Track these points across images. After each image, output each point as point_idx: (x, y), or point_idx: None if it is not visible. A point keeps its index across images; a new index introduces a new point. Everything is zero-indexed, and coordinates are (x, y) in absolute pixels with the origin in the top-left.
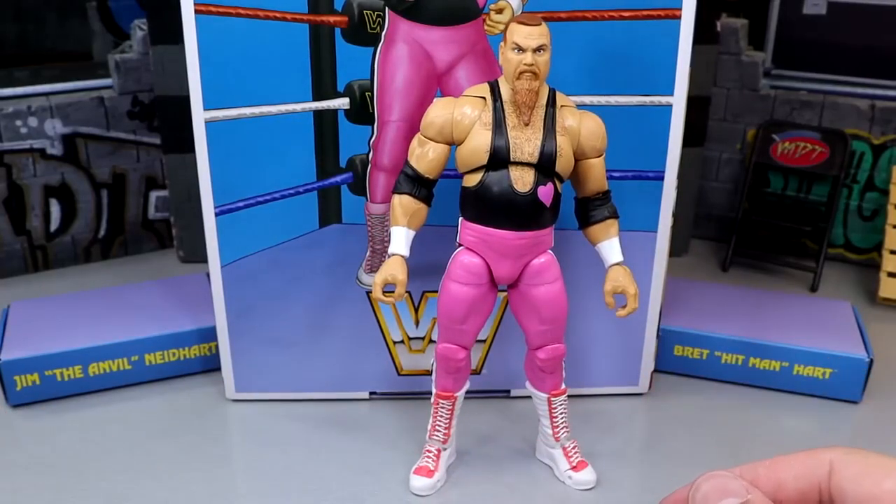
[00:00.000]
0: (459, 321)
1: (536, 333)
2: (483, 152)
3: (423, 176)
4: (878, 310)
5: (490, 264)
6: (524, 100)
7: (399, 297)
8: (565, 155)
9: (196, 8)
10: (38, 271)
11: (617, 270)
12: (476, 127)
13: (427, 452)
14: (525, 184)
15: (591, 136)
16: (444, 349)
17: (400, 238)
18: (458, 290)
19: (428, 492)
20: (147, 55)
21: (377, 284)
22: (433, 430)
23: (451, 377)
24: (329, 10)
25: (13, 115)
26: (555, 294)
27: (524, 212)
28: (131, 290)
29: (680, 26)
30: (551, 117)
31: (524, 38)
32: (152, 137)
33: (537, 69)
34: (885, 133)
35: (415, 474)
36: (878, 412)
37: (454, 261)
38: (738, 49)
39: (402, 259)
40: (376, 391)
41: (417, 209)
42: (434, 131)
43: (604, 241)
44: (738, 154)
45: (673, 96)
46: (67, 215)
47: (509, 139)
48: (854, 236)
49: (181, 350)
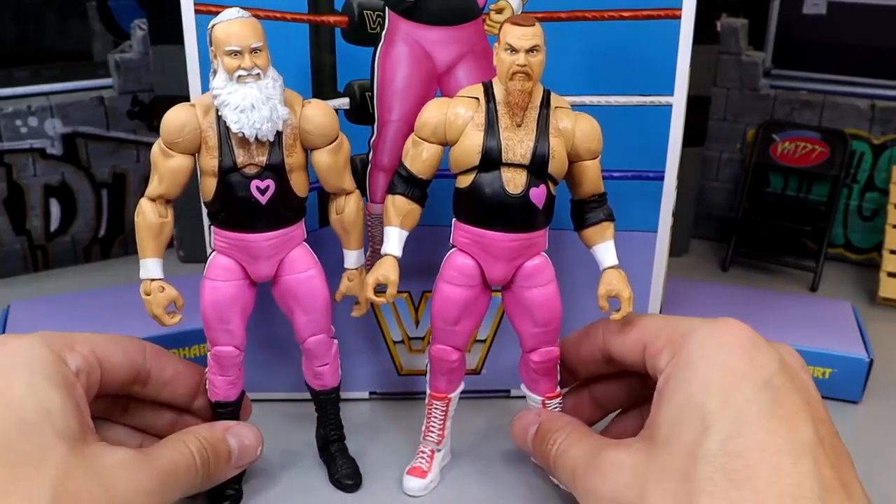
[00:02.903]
0: (452, 322)
1: (530, 336)
2: (475, 153)
3: (416, 176)
4: (879, 310)
5: (482, 266)
6: (517, 101)
7: (391, 298)
8: (558, 157)
9: (196, 8)
10: (38, 271)
11: (611, 274)
12: (469, 128)
13: (421, 453)
14: (517, 185)
15: (586, 138)
16: (437, 350)
17: (393, 238)
18: (451, 291)
19: (421, 492)
20: (147, 55)
21: (369, 284)
22: (427, 430)
23: (444, 378)
24: (329, 10)
25: (13, 114)
26: (548, 297)
27: (516, 213)
28: (131, 290)
29: (680, 26)
30: (545, 118)
31: (517, 38)
32: (152, 137)
33: (530, 70)
34: (886, 133)
35: (408, 475)
36: (878, 412)
37: (447, 262)
38: (738, 49)
39: (394, 259)
40: (376, 391)
41: (411, 209)
42: (428, 132)
43: (599, 244)
44: (738, 154)
45: (673, 96)
46: (67, 215)
47: (501, 140)
48: (854, 236)
49: (181, 350)
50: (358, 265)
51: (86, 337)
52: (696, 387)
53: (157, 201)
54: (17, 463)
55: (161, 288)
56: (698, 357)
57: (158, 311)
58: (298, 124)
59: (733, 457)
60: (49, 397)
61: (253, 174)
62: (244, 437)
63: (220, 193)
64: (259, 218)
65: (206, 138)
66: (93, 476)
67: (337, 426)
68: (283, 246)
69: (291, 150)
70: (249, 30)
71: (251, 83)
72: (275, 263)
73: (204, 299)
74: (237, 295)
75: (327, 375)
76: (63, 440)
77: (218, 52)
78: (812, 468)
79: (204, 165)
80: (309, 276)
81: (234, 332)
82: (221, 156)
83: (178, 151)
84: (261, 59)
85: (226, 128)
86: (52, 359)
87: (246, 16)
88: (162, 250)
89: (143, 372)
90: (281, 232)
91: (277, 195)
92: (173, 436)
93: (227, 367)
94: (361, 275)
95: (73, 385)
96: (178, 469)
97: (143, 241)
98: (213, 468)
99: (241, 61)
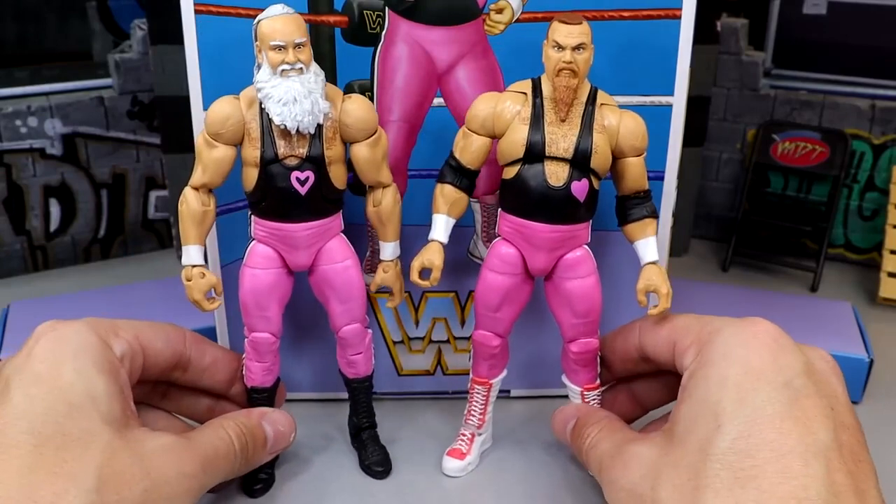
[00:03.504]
0: (494, 309)
1: (569, 326)
2: (519, 146)
3: (465, 167)
4: (879, 310)
5: (525, 255)
6: (562, 97)
7: (435, 282)
8: (601, 152)
9: (196, 8)
10: (38, 271)
11: (651, 269)
12: (515, 121)
13: (461, 436)
14: (559, 178)
15: (630, 136)
16: (479, 336)
17: (440, 225)
18: (494, 278)
19: (458, 473)
20: (147, 55)
21: (414, 268)
22: (468, 414)
23: (486, 364)
24: (329, 10)
25: (13, 114)
26: (588, 288)
27: (557, 206)
28: (131, 290)
29: (680, 26)
30: (590, 115)
31: (564, 36)
32: (152, 137)
33: (576, 67)
34: (886, 133)
35: (447, 456)
36: (879, 412)
37: (491, 250)
38: (739, 49)
39: (440, 245)
40: (376, 391)
41: (458, 198)
42: (477, 124)
43: (640, 240)
44: (738, 154)
45: (673, 96)
46: (67, 215)
47: (545, 134)
48: (854, 236)
49: None
50: (394, 256)
51: (129, 323)
52: (714, 384)
53: (201, 190)
54: (64, 446)
55: (202, 274)
56: (720, 355)
57: (199, 296)
58: (338, 118)
59: (742, 455)
60: (95, 382)
61: (293, 165)
62: (279, 424)
63: (261, 183)
64: (298, 208)
65: (249, 130)
66: (136, 460)
67: (369, 414)
68: (321, 236)
69: (331, 143)
70: (294, 25)
71: (294, 77)
72: (312, 253)
73: (243, 286)
74: (275, 283)
75: (361, 364)
76: (108, 424)
77: (263, 47)
78: (822, 472)
79: (246, 156)
80: (346, 266)
81: (272, 319)
82: (263, 147)
83: (221, 142)
84: (304, 55)
85: (268, 120)
86: (98, 345)
87: (291, 12)
88: (203, 238)
89: (183, 358)
90: (319, 222)
91: (316, 186)
92: (212, 421)
93: (264, 354)
94: (396, 266)
95: (118, 370)
96: (218, 454)
97: (185, 228)
98: (250, 453)
99: (284, 56)
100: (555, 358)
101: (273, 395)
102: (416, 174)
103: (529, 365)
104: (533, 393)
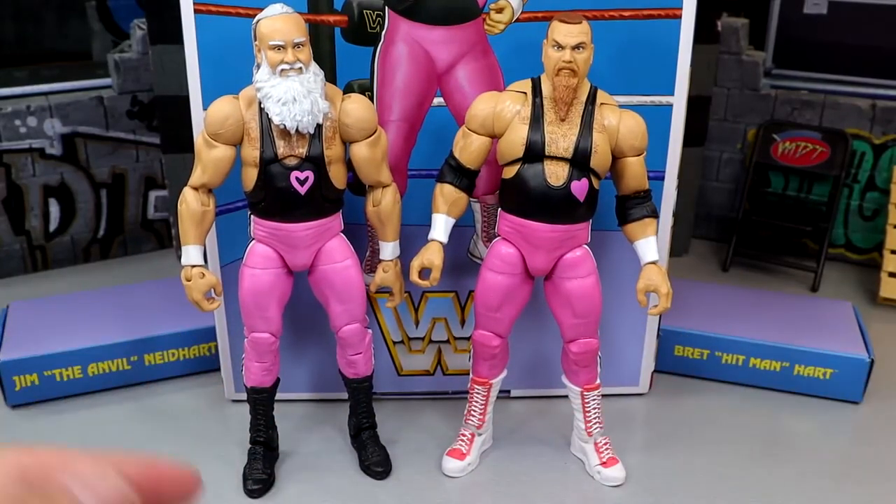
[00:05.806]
0: (494, 309)
1: (569, 326)
2: (519, 145)
3: (465, 167)
4: (879, 310)
5: (524, 255)
6: (562, 96)
7: (434, 281)
8: (601, 152)
9: (196, 8)
10: (38, 271)
11: (651, 269)
12: (515, 121)
13: (461, 436)
14: (559, 178)
15: (630, 135)
16: (479, 336)
17: (439, 225)
18: (493, 278)
19: (458, 473)
20: (146, 55)
21: (414, 268)
22: (468, 414)
23: (486, 364)
24: (329, 10)
25: (12, 114)
26: (588, 288)
27: (557, 205)
28: (131, 290)
29: (680, 26)
30: (590, 114)
31: (564, 35)
32: (152, 137)
33: (576, 66)
34: (886, 133)
35: (447, 456)
36: (879, 412)
37: (491, 250)
38: (739, 49)
39: (440, 245)
40: (376, 391)
41: (458, 198)
42: (477, 124)
43: (640, 240)
44: (739, 154)
45: (673, 96)
46: (67, 215)
47: (545, 134)
48: (855, 236)
49: (180, 350)
50: (394, 256)
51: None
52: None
53: (200, 190)
54: None
55: (201, 274)
56: None
57: (198, 296)
58: (338, 118)
59: None
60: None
61: (293, 165)
62: None
63: (260, 183)
64: (298, 208)
65: (248, 130)
66: None
67: (369, 414)
68: (320, 236)
69: (331, 143)
70: (293, 25)
71: (293, 77)
72: (312, 253)
73: (243, 286)
74: (275, 283)
75: (360, 364)
76: None
77: (262, 47)
78: None
79: (245, 156)
80: (345, 266)
81: (272, 319)
82: (263, 147)
83: (221, 142)
84: (303, 54)
85: (268, 120)
86: None
87: (290, 11)
88: (203, 238)
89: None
90: (319, 222)
91: (316, 186)
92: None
93: (263, 354)
94: (396, 266)
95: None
96: None
97: (185, 228)
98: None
99: (284, 55)
100: (555, 358)
101: (273, 395)
102: (416, 174)
103: (529, 365)
104: (533, 393)
